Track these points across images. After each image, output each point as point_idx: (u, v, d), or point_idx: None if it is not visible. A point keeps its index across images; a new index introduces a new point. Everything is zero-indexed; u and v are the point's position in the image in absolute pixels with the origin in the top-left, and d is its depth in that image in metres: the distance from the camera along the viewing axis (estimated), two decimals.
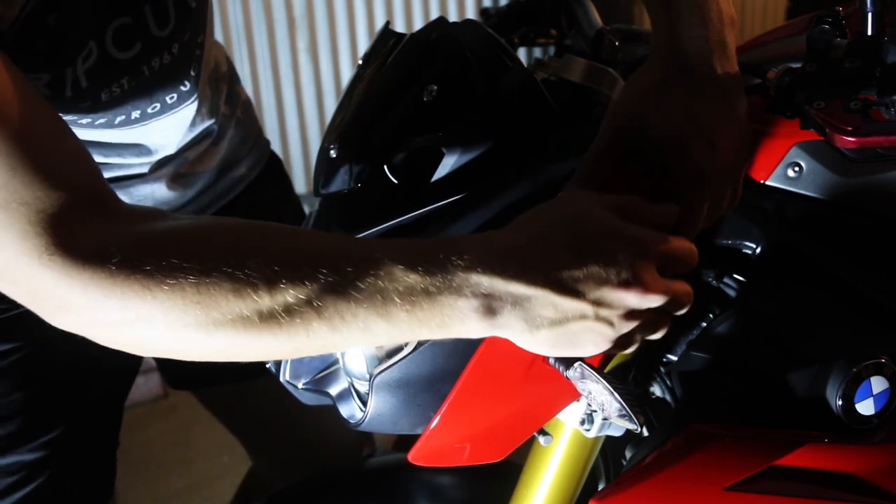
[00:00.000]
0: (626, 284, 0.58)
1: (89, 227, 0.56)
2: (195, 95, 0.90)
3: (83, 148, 0.62)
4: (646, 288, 0.58)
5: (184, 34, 0.83)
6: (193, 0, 0.82)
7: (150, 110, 0.86)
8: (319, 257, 0.57)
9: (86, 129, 0.84)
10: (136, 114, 0.85)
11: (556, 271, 0.57)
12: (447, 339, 0.62)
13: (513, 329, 0.58)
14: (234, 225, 0.60)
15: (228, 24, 2.60)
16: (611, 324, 0.59)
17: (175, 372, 1.24)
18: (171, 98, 0.87)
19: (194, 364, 0.61)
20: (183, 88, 0.88)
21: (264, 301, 0.55)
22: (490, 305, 0.57)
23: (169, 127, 0.90)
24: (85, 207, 0.57)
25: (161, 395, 2.46)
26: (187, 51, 0.85)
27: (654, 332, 0.63)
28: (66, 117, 0.79)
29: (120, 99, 0.81)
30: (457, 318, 0.57)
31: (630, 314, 0.59)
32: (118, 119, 0.84)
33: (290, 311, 0.55)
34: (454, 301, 0.56)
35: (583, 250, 0.58)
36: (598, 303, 0.58)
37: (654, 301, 0.59)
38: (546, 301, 0.57)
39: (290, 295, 0.55)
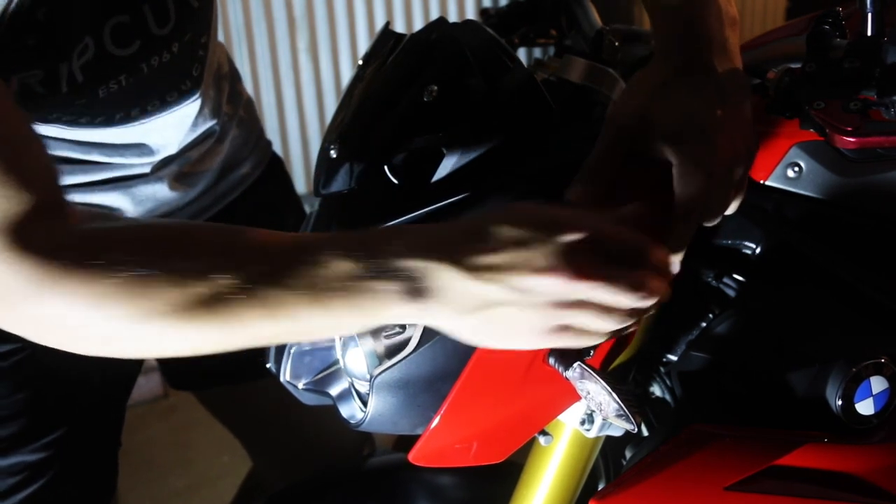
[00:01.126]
0: (545, 270, 0.57)
1: (44, 227, 0.57)
2: (197, 94, 0.90)
3: (45, 152, 0.64)
4: (571, 274, 0.57)
5: (185, 34, 0.83)
6: (196, 0, 0.82)
7: (149, 107, 0.86)
8: (256, 248, 0.59)
9: (86, 129, 0.84)
10: (135, 111, 0.85)
11: (476, 256, 0.57)
12: (447, 340, 0.62)
13: (441, 315, 0.59)
14: (177, 222, 0.63)
15: (228, 24, 2.60)
16: (539, 313, 0.58)
17: (176, 372, 1.24)
18: (172, 96, 0.87)
19: (195, 364, 0.62)
20: (183, 88, 0.88)
21: (201, 290, 0.56)
22: (418, 290, 0.57)
23: (169, 125, 0.90)
24: (42, 211, 0.58)
25: (161, 395, 2.46)
26: (189, 50, 0.85)
27: (607, 325, 0.60)
28: (66, 116, 0.79)
29: (118, 95, 0.81)
30: (387, 303, 0.58)
31: (563, 304, 0.58)
32: (118, 115, 0.83)
33: (225, 299, 0.57)
34: (384, 286, 0.57)
35: (506, 236, 0.58)
36: (519, 289, 0.57)
37: (584, 289, 0.58)
38: (467, 286, 0.57)
39: (225, 284, 0.57)
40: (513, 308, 0.58)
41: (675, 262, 0.70)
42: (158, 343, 0.59)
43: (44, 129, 0.81)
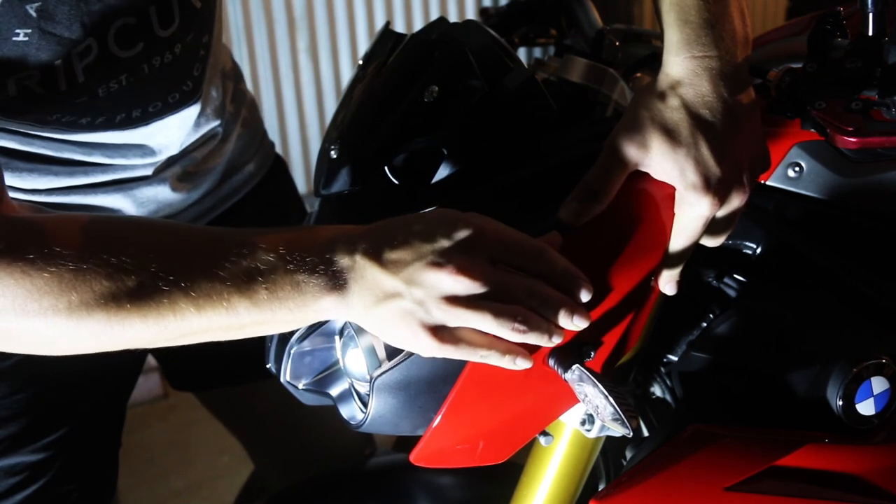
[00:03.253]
0: (436, 264, 0.58)
1: None
2: (198, 96, 0.90)
3: None
4: (458, 269, 0.58)
5: (187, 34, 0.83)
6: (199, 1, 0.82)
7: (150, 108, 0.85)
8: (185, 242, 0.61)
9: (87, 132, 0.83)
10: (136, 112, 0.84)
11: (387, 250, 0.59)
12: None
13: (356, 308, 0.61)
14: (110, 217, 0.65)
15: (228, 24, 2.60)
16: (425, 308, 0.59)
17: (176, 373, 1.24)
18: (173, 97, 0.87)
19: (196, 365, 0.63)
20: (185, 88, 0.87)
21: (133, 283, 0.58)
22: (338, 282, 0.60)
23: (172, 127, 0.89)
24: None
25: (161, 395, 2.46)
26: (191, 51, 0.85)
27: (499, 331, 0.60)
28: (66, 117, 0.79)
29: (118, 95, 0.80)
30: (311, 296, 0.60)
31: (450, 300, 0.59)
32: (118, 117, 0.83)
33: (158, 291, 0.58)
34: (308, 278, 0.59)
35: (413, 232, 0.60)
36: (413, 281, 0.59)
37: (470, 286, 0.58)
38: (376, 277, 0.59)
39: (158, 277, 0.58)
40: (406, 301, 0.59)
41: (671, 278, 0.70)
42: (90, 337, 0.61)
43: (44, 131, 0.81)
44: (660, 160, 0.66)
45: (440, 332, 0.60)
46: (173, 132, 0.90)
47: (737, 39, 0.68)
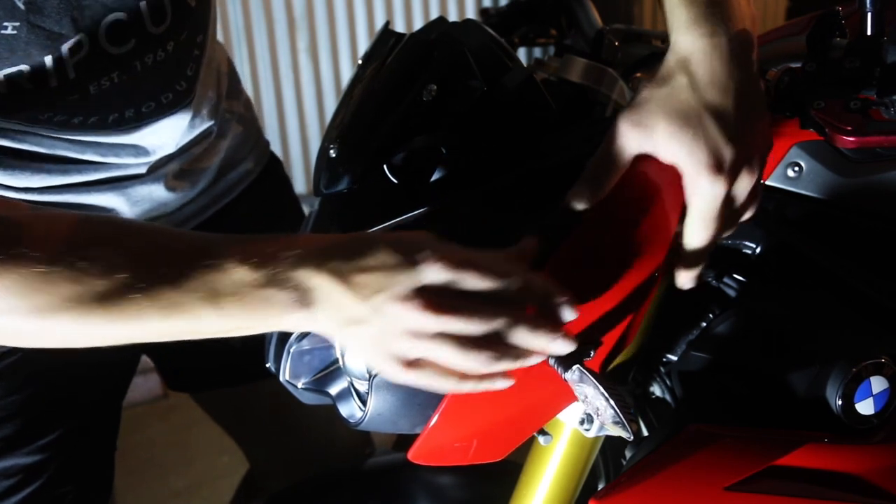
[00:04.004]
0: (403, 298, 0.58)
1: None
2: (192, 96, 0.89)
3: None
4: (424, 305, 0.57)
5: (181, 33, 0.82)
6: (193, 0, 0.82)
7: (144, 109, 0.85)
8: (157, 248, 0.61)
9: (80, 133, 0.83)
10: (129, 112, 0.84)
11: (354, 274, 0.59)
12: None
13: (325, 325, 0.61)
14: (92, 218, 0.64)
15: (228, 24, 2.60)
16: (395, 339, 0.59)
17: (174, 374, 1.24)
18: (167, 97, 0.86)
19: (193, 366, 0.63)
20: (179, 88, 0.87)
21: (101, 286, 0.58)
22: (305, 300, 0.59)
23: (165, 129, 0.89)
24: None
25: (161, 396, 2.46)
26: (184, 50, 0.85)
27: (466, 363, 0.59)
28: (58, 115, 0.79)
29: (110, 93, 0.80)
30: (279, 310, 0.60)
31: (417, 334, 0.58)
32: (111, 117, 0.83)
33: (124, 296, 0.59)
34: (276, 293, 0.59)
35: (381, 260, 0.59)
36: (380, 312, 0.59)
37: (437, 323, 0.58)
38: (343, 301, 0.59)
39: (125, 281, 0.59)
40: (374, 329, 0.59)
41: (691, 275, 0.69)
42: (60, 337, 0.61)
43: (36, 129, 0.81)
44: (666, 141, 0.64)
45: (408, 363, 0.60)
46: (166, 133, 0.90)
47: (745, 17, 0.66)
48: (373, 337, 0.60)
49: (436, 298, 0.58)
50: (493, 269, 0.60)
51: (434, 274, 0.58)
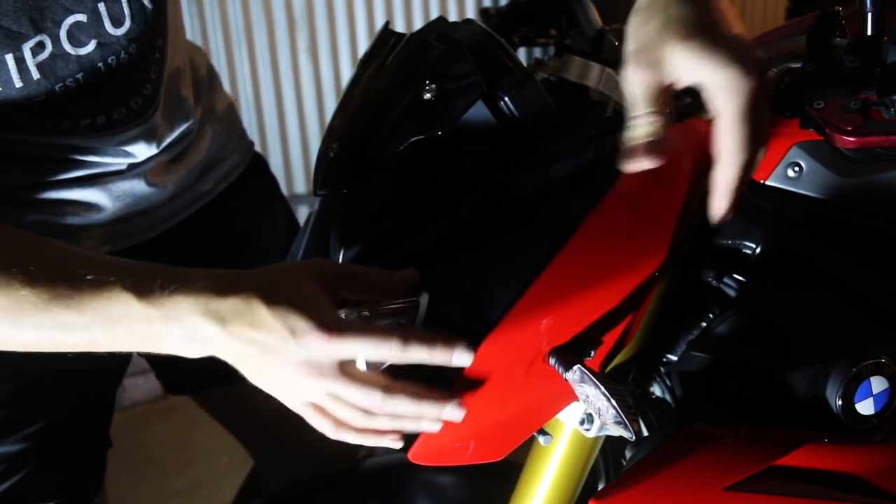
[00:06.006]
0: (290, 367, 0.62)
1: None
2: (158, 100, 0.90)
3: None
4: (307, 377, 0.62)
5: (141, 36, 0.83)
6: (150, 2, 0.83)
7: (115, 115, 0.86)
8: (61, 269, 0.63)
9: (55, 138, 0.84)
10: (101, 119, 0.85)
11: (242, 328, 0.61)
12: None
13: (230, 359, 0.64)
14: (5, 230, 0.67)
15: (228, 24, 2.60)
16: (291, 393, 0.65)
17: (170, 377, 1.24)
18: (136, 102, 0.87)
19: (191, 367, 0.64)
20: (146, 91, 0.88)
21: (2, 300, 0.62)
22: (194, 338, 0.62)
23: (141, 137, 0.90)
24: None
25: (161, 396, 2.46)
26: (146, 53, 0.86)
27: (352, 419, 0.65)
28: (30, 120, 0.80)
29: (77, 95, 0.81)
30: (167, 342, 0.63)
31: (310, 392, 0.64)
32: (83, 122, 0.83)
33: (24, 311, 0.62)
34: (165, 329, 0.62)
35: (267, 323, 0.61)
36: (273, 371, 0.63)
37: (322, 388, 0.63)
38: (234, 348, 0.63)
39: (25, 298, 0.62)
40: (268, 375, 0.64)
41: (725, 201, 0.63)
42: None
43: (11, 134, 0.81)
44: (684, 63, 0.60)
45: (314, 409, 0.66)
46: (143, 142, 0.91)
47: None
48: (269, 379, 0.65)
49: (319, 369, 0.62)
50: (374, 334, 0.62)
51: (317, 351, 0.61)
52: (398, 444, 0.67)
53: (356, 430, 0.67)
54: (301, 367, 0.61)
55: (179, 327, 0.62)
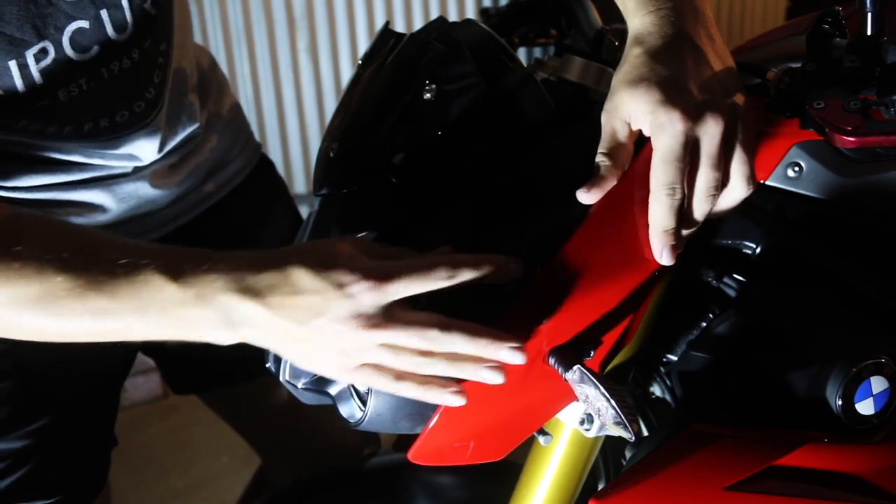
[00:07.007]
0: (338, 320, 0.60)
1: None
2: (162, 104, 0.90)
3: None
4: (361, 326, 0.60)
5: (144, 41, 0.83)
6: (153, 7, 0.83)
7: (118, 118, 0.86)
8: (89, 252, 0.63)
9: (58, 142, 0.84)
10: (104, 122, 0.85)
11: (280, 298, 0.60)
12: None
13: (258, 342, 0.63)
14: (38, 220, 0.67)
15: (228, 24, 2.60)
16: (337, 353, 0.62)
17: (176, 377, 1.24)
18: (139, 106, 0.87)
19: (195, 367, 0.64)
20: (148, 96, 0.88)
21: (35, 290, 0.61)
22: (231, 322, 0.62)
23: (145, 140, 0.90)
24: None
25: (161, 395, 2.46)
26: (149, 58, 0.86)
27: (405, 364, 0.63)
28: (33, 124, 0.80)
29: (80, 101, 0.81)
30: (204, 328, 0.62)
31: (357, 348, 0.62)
32: (86, 127, 0.84)
33: (58, 298, 0.61)
34: (200, 314, 0.61)
35: (305, 285, 0.60)
36: (317, 332, 0.61)
37: (374, 337, 0.61)
38: (275, 323, 0.61)
39: (59, 284, 0.61)
40: (313, 345, 0.62)
41: (661, 243, 0.65)
42: (4, 331, 0.64)
43: (15, 137, 0.81)
44: (630, 108, 0.65)
45: (359, 369, 0.63)
46: (147, 145, 0.91)
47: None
48: (315, 352, 0.63)
49: (364, 319, 0.60)
50: (419, 268, 0.61)
51: (367, 300, 0.60)
52: (460, 400, 0.64)
53: (417, 381, 0.64)
54: (352, 322, 0.60)
55: (213, 310, 0.61)
